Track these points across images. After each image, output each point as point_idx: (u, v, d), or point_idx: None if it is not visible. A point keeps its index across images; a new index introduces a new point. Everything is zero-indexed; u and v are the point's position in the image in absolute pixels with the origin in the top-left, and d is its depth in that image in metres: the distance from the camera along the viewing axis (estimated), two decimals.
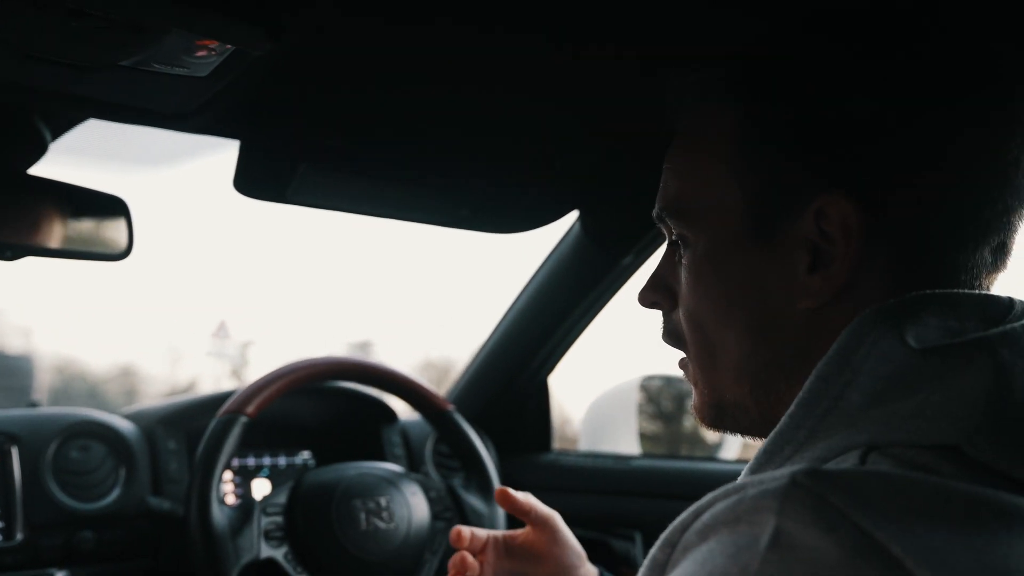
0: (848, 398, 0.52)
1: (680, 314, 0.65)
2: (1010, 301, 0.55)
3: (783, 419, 0.55)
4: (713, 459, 1.93)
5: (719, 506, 0.47)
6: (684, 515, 0.49)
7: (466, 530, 0.96)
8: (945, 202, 0.55)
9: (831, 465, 0.49)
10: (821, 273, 0.56)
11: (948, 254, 0.55)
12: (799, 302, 0.57)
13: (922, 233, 0.55)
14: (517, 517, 0.97)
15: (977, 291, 0.55)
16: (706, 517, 0.47)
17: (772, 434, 0.55)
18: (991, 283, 0.58)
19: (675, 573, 0.47)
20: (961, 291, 0.54)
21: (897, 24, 0.56)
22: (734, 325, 0.60)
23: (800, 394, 0.54)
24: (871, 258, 0.55)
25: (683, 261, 0.64)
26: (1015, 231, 0.57)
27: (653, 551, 0.51)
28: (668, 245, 0.68)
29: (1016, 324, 0.52)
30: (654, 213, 0.67)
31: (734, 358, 0.61)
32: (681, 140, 0.66)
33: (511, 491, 0.97)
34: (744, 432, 0.64)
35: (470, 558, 0.94)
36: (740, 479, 0.49)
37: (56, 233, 1.08)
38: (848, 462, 0.49)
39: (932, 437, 0.48)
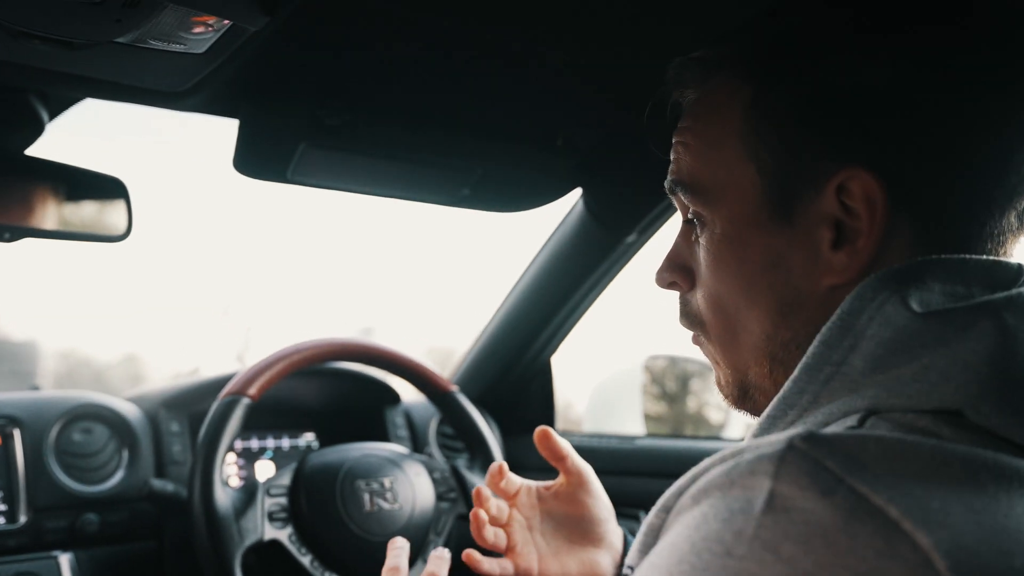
0: (851, 363, 0.51)
1: (699, 295, 0.64)
2: (1019, 267, 0.54)
3: (787, 384, 0.54)
4: (718, 438, 1.93)
5: (714, 471, 0.47)
6: (680, 480, 0.49)
7: (495, 476, 0.94)
8: (970, 170, 0.54)
9: (829, 429, 0.49)
10: (847, 249, 0.55)
11: (975, 222, 0.54)
12: (824, 279, 0.56)
13: (948, 203, 0.54)
14: (551, 463, 0.95)
15: (986, 256, 0.54)
16: (701, 482, 0.47)
17: (776, 399, 0.55)
18: (1013, 247, 0.57)
19: (667, 537, 0.47)
20: (969, 256, 0.53)
21: None
22: (757, 305, 0.59)
23: (804, 359, 0.54)
24: (896, 231, 0.54)
25: (700, 241, 0.63)
26: None
27: (649, 516, 0.50)
28: (684, 223, 0.67)
29: (1023, 289, 0.51)
30: (666, 184, 0.65)
31: (756, 338, 0.60)
32: (691, 115, 0.64)
33: (552, 432, 0.95)
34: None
35: (485, 515, 0.91)
36: (741, 444, 0.49)
37: (55, 214, 1.07)
38: (846, 426, 0.49)
39: (933, 401, 0.48)
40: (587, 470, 0.95)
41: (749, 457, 0.45)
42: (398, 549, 0.83)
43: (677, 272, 0.67)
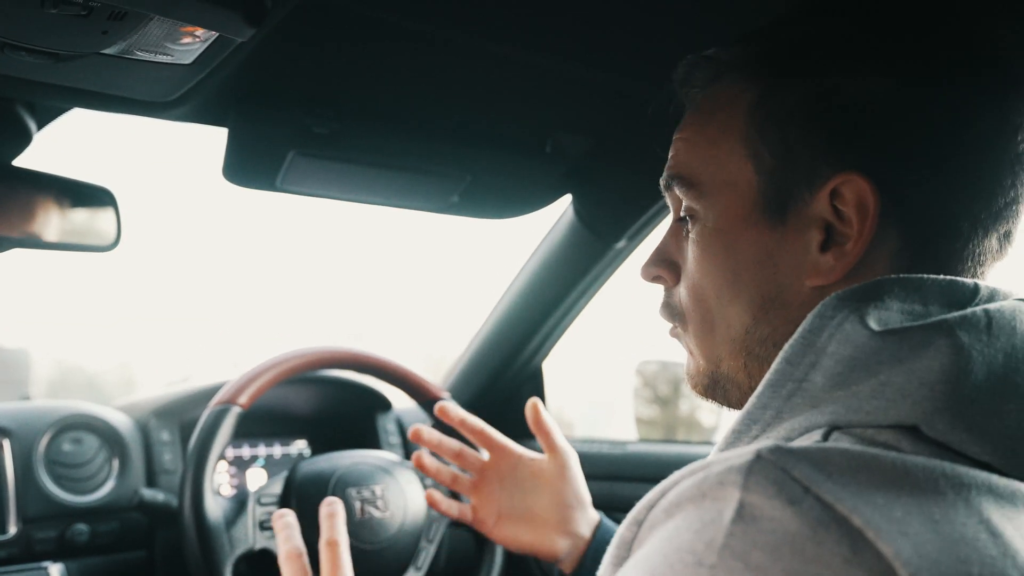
0: (812, 380, 0.53)
1: (682, 288, 0.66)
2: (975, 286, 0.55)
3: (751, 399, 0.56)
4: (709, 443, 1.93)
5: (685, 484, 0.48)
6: (651, 494, 0.50)
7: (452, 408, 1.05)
8: (961, 188, 0.55)
9: (795, 443, 0.50)
10: (834, 251, 0.57)
11: (960, 239, 0.56)
12: (809, 279, 0.58)
13: (937, 218, 0.56)
14: (533, 431, 1.00)
15: (943, 276, 0.55)
16: (672, 495, 0.48)
17: (740, 414, 0.56)
18: (991, 270, 0.58)
19: (642, 551, 0.47)
20: (926, 276, 0.55)
21: (914, 7, 0.57)
22: (739, 299, 0.61)
23: (767, 375, 0.55)
24: (885, 239, 0.56)
25: (690, 235, 0.64)
26: (1020, 219, 0.58)
27: (620, 529, 0.51)
28: (675, 221, 0.69)
29: (977, 308, 0.52)
30: (661, 181, 0.67)
31: (735, 332, 0.62)
32: (695, 113, 0.66)
33: (541, 406, 1.00)
34: (732, 405, 0.65)
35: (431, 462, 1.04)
36: (708, 457, 0.50)
37: (43, 225, 1.07)
38: (811, 440, 0.50)
39: (891, 417, 0.49)
40: (569, 454, 1.01)
41: (718, 469, 0.46)
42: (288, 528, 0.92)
43: (663, 266, 0.68)
